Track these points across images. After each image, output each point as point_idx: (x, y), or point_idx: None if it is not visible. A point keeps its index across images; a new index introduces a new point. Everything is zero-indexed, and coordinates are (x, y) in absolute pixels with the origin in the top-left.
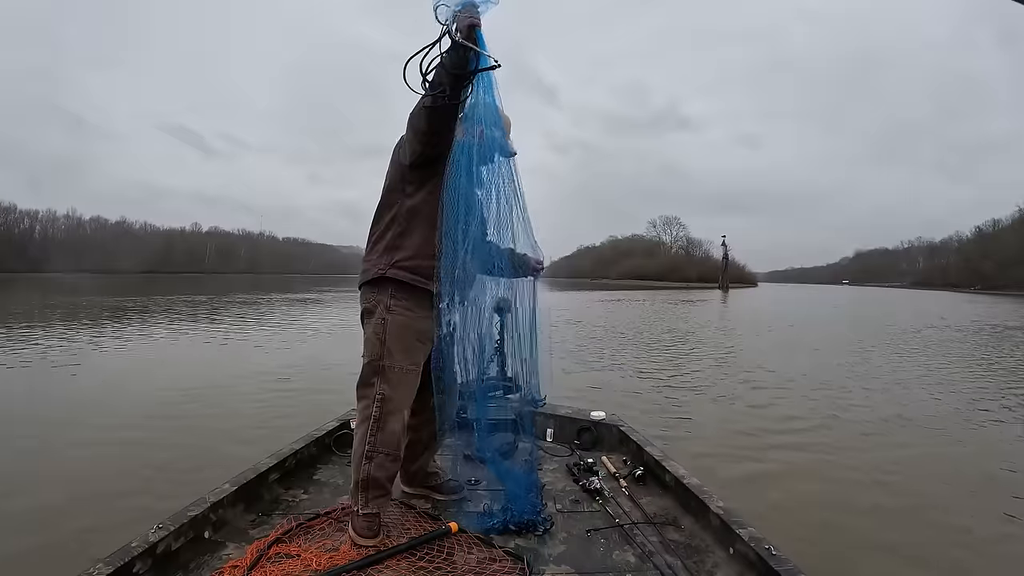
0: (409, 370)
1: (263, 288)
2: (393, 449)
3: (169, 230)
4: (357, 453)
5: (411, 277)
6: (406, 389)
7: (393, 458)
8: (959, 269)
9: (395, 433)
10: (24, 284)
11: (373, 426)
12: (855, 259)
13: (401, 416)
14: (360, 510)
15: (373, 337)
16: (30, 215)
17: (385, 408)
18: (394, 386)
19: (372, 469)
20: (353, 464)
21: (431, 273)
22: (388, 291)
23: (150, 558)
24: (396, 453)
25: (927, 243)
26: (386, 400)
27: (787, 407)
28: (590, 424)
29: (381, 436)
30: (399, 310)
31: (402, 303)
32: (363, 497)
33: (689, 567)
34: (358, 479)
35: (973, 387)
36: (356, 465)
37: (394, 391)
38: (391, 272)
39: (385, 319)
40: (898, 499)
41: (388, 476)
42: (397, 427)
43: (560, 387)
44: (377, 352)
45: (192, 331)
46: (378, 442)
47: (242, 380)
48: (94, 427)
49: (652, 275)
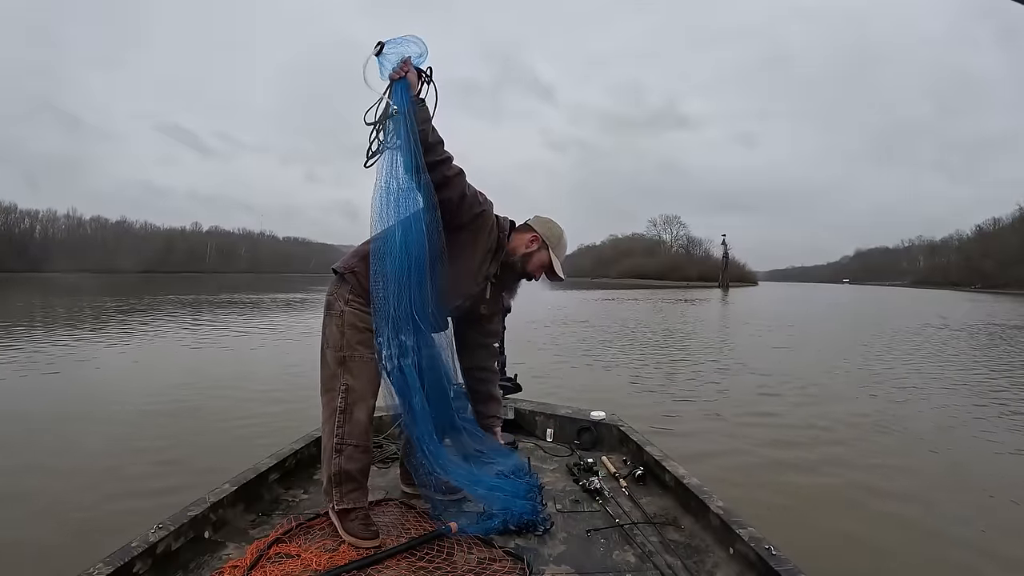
0: (370, 359)
1: (258, 288)
2: (362, 440)
3: (169, 230)
4: (327, 449)
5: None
6: (369, 378)
7: (363, 449)
8: (959, 268)
9: (362, 423)
10: (22, 284)
11: (340, 418)
12: (855, 258)
13: (367, 405)
14: (336, 506)
15: (334, 329)
16: (30, 215)
17: (350, 398)
18: (356, 375)
19: (343, 462)
20: (323, 461)
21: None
22: (349, 287)
23: (150, 558)
24: (365, 444)
25: (927, 242)
26: (351, 390)
27: (783, 410)
28: (590, 424)
29: (349, 427)
30: (357, 305)
31: (360, 300)
32: (337, 492)
33: (689, 567)
34: (330, 474)
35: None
36: (326, 460)
37: (357, 380)
38: (358, 268)
39: (343, 311)
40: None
41: (360, 469)
42: (363, 416)
43: (560, 387)
44: (338, 343)
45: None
46: (346, 434)
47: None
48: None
49: (652, 274)
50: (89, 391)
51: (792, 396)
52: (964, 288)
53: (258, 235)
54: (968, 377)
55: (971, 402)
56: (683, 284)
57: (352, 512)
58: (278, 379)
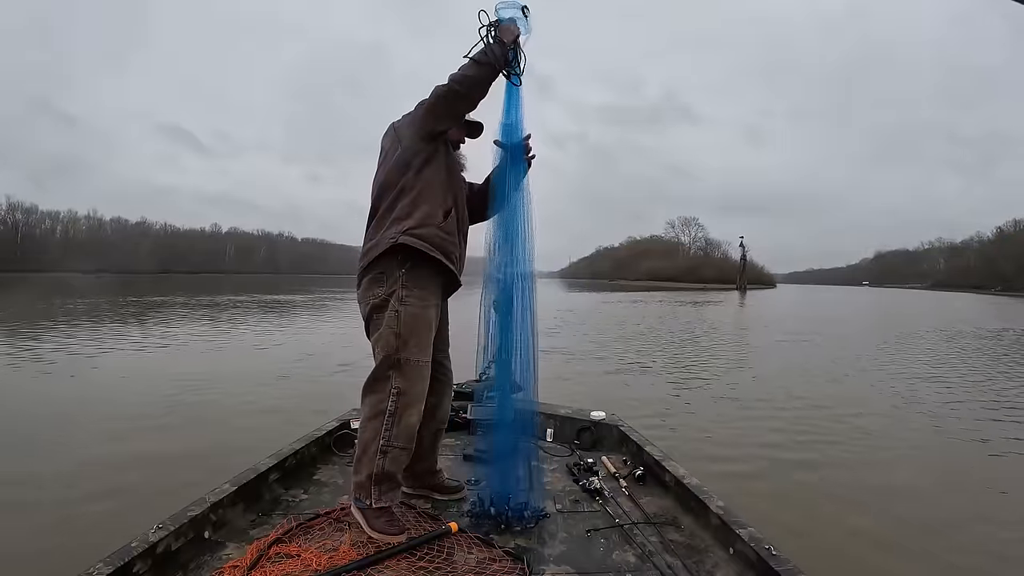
0: (424, 363)
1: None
2: (408, 443)
3: (189, 230)
4: (370, 448)
5: (423, 244)
6: (421, 383)
7: (408, 452)
8: (981, 271)
9: (411, 427)
10: (43, 283)
11: (389, 420)
12: (875, 260)
13: (418, 410)
14: (374, 504)
15: (387, 331)
16: (51, 215)
17: (402, 402)
18: (411, 380)
19: (387, 463)
20: (364, 459)
21: (439, 243)
22: (398, 279)
23: (150, 558)
24: (410, 447)
25: (947, 244)
26: (403, 394)
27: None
28: (590, 424)
29: (397, 430)
30: (411, 300)
31: (414, 292)
32: (376, 491)
33: (689, 567)
34: (371, 472)
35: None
36: (368, 459)
37: (411, 385)
38: (403, 239)
39: (398, 311)
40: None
41: (400, 470)
42: (413, 420)
43: (559, 386)
44: (393, 346)
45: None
46: (393, 436)
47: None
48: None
49: (670, 276)
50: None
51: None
52: (986, 291)
53: (276, 236)
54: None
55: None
56: (700, 287)
57: (383, 509)
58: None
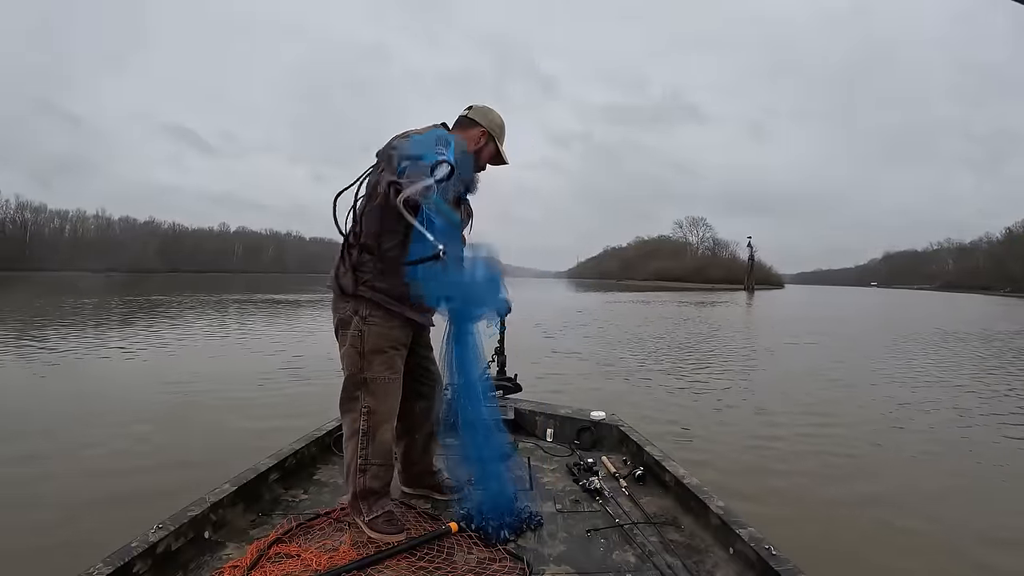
0: (392, 379)
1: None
2: (386, 459)
3: (197, 230)
4: (351, 467)
5: (385, 300)
6: (391, 399)
7: (387, 467)
8: (990, 272)
9: (386, 443)
10: (53, 283)
11: (363, 439)
12: (884, 261)
13: (390, 427)
14: (367, 517)
15: (351, 350)
16: (60, 215)
17: (373, 420)
18: (379, 397)
19: (367, 481)
20: (348, 477)
21: (404, 297)
22: (363, 302)
23: (150, 558)
24: (389, 462)
25: (956, 244)
26: (372, 412)
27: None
28: (590, 424)
29: (373, 448)
30: (375, 320)
31: (378, 315)
32: (365, 506)
33: (689, 567)
34: (355, 491)
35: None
36: (351, 478)
37: (380, 403)
38: (364, 292)
39: (362, 330)
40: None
41: (383, 483)
42: (387, 437)
43: (559, 386)
44: (357, 365)
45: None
46: (370, 454)
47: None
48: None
49: (678, 276)
50: (112, 389)
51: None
52: (995, 292)
53: (284, 235)
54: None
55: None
56: (707, 287)
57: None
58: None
